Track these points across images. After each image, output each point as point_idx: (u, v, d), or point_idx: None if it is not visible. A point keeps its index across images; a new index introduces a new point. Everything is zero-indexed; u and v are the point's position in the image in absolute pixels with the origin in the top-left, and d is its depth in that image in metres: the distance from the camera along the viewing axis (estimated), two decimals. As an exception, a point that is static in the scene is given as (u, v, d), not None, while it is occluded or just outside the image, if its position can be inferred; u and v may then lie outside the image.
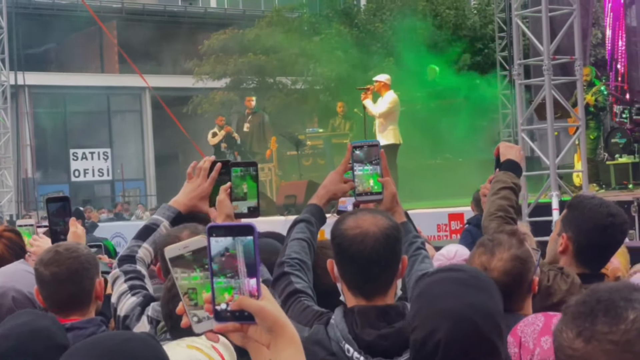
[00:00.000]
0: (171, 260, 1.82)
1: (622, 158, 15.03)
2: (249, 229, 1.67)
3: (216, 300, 1.69)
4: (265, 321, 1.67)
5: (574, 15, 10.47)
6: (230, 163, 3.40)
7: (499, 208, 3.75)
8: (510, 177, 3.83)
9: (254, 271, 1.67)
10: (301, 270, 3.04)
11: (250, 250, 1.66)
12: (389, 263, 2.74)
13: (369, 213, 2.86)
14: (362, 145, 3.27)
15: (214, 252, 1.67)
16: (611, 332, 1.47)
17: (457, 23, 24.62)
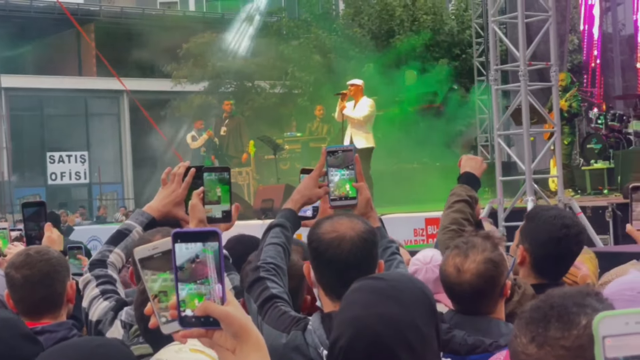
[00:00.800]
0: (140, 261, 1.82)
1: (598, 164, 15.15)
2: (213, 235, 1.67)
3: (187, 306, 1.68)
4: (230, 327, 1.66)
5: (550, 21, 10.53)
6: (204, 168, 3.40)
7: (452, 221, 3.80)
8: (465, 190, 3.86)
9: (220, 276, 1.66)
10: (277, 275, 3.02)
11: (217, 255, 1.65)
12: (366, 267, 2.75)
13: (346, 217, 2.87)
14: (336, 150, 3.29)
15: (184, 258, 1.67)
16: (563, 338, 1.48)
17: (435, 28, 24.72)
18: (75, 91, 33.74)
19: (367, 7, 25.87)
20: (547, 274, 3.54)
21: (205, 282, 1.66)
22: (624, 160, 14.15)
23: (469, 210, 3.83)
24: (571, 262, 3.65)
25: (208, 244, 1.66)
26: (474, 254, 3.08)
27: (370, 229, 2.85)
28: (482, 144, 19.59)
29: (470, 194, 3.85)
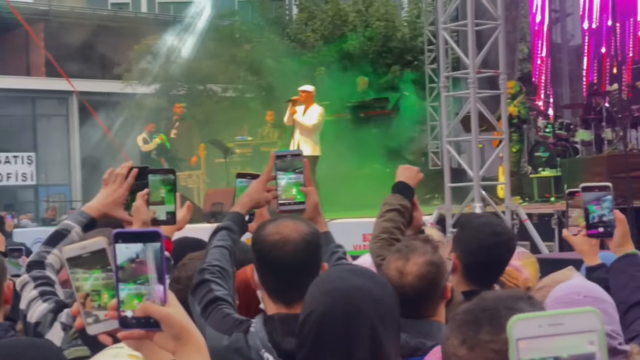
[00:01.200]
0: (69, 260, 1.81)
1: (545, 171, 15.35)
2: (155, 235, 1.66)
3: (125, 307, 1.66)
4: (171, 328, 1.64)
5: (499, 29, 10.65)
6: (148, 169, 3.38)
7: (383, 230, 3.83)
8: (397, 199, 3.89)
9: (161, 277, 1.65)
10: (222, 278, 3.01)
11: (158, 256, 1.64)
12: (309, 269, 2.76)
13: (290, 220, 2.88)
14: (285, 154, 3.30)
15: (123, 258, 1.65)
16: (493, 341, 1.49)
17: (388, 35, 24.83)
18: (23, 91, 33.32)
19: (320, 12, 25.92)
20: (479, 281, 3.56)
21: (145, 282, 1.65)
22: (571, 168, 14.35)
23: (400, 219, 3.85)
24: (502, 269, 3.69)
25: (149, 244, 1.64)
26: (415, 257, 3.11)
27: (314, 231, 2.86)
28: (433, 151, 19.72)
29: (402, 202, 3.88)
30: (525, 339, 1.20)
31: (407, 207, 3.89)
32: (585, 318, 1.20)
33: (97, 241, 1.81)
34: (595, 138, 15.28)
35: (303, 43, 24.89)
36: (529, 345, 1.20)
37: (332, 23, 25.08)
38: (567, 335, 1.19)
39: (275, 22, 26.83)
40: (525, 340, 1.20)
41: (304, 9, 26.76)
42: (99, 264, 1.80)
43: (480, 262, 3.57)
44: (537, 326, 1.20)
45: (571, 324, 1.20)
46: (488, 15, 11.01)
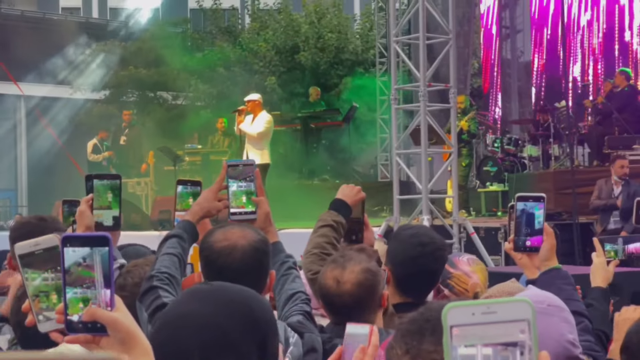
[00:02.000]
0: (21, 257, 1.81)
1: (493, 186, 15.52)
2: (104, 240, 1.66)
3: (70, 310, 1.66)
4: (118, 333, 1.64)
5: (450, 44, 10.76)
6: (93, 175, 3.38)
7: (315, 246, 3.86)
8: (331, 215, 3.92)
9: (108, 282, 1.65)
10: (170, 285, 3.01)
11: (106, 261, 1.65)
12: (257, 276, 2.78)
13: (238, 227, 2.90)
14: (237, 164, 3.32)
15: (70, 261, 1.65)
16: (436, 351, 1.51)
17: (340, 47, 24.93)
18: (-30, 94, 32.83)
19: (272, 23, 25.95)
20: (410, 293, 3.60)
21: (90, 286, 1.65)
22: (518, 183, 14.52)
23: (333, 234, 3.87)
24: (433, 280, 3.72)
25: (96, 248, 1.64)
26: (351, 265, 3.14)
27: (262, 238, 2.88)
28: (382, 163, 19.81)
29: (336, 219, 3.91)
30: (459, 326, 1.22)
31: (341, 223, 3.91)
32: (517, 307, 1.22)
33: (50, 238, 1.81)
34: (542, 154, 15.49)
35: (255, 52, 24.89)
36: (462, 333, 1.22)
37: (284, 33, 25.12)
38: (500, 324, 1.22)
39: (228, 31, 26.82)
40: (459, 328, 1.22)
41: (257, 19, 26.77)
42: (50, 264, 1.80)
43: (409, 274, 3.60)
44: (471, 314, 1.22)
45: (503, 313, 1.22)
46: (440, 29, 11.13)
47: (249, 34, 26.36)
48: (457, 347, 1.23)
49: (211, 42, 26.80)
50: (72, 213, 4.78)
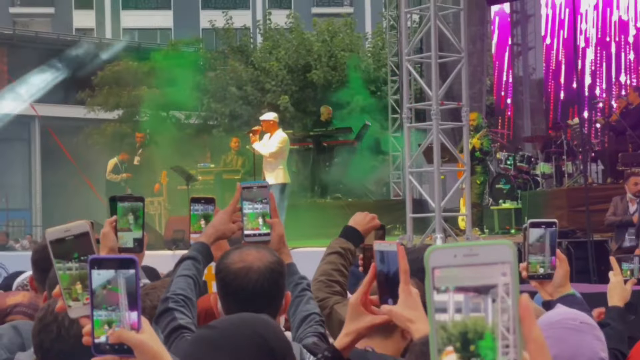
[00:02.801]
0: (51, 243, 1.85)
1: (506, 204, 15.46)
2: (130, 262, 1.68)
3: (95, 333, 1.68)
4: (144, 355, 1.66)
5: (463, 62, 10.77)
6: (117, 197, 3.40)
7: (322, 273, 3.87)
8: (339, 243, 3.93)
9: (134, 304, 1.67)
10: (185, 307, 3.03)
11: (132, 283, 1.67)
12: (272, 297, 2.79)
13: (254, 248, 2.91)
14: (251, 186, 3.33)
15: (96, 283, 1.67)
16: None
17: (352, 65, 25.00)
18: (-15, 115, 33.02)
19: (284, 41, 26.04)
20: None
21: (115, 309, 1.67)
22: (531, 201, 14.49)
23: (340, 261, 3.87)
24: None
25: (121, 271, 1.66)
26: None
27: (277, 259, 2.89)
28: (395, 181, 19.80)
29: (344, 246, 3.91)
30: (441, 268, 1.22)
31: (350, 249, 3.90)
32: (499, 250, 1.21)
33: (81, 224, 1.85)
34: (555, 171, 15.44)
35: (267, 71, 24.97)
36: (443, 274, 1.22)
37: (296, 52, 25.20)
38: (481, 266, 1.21)
39: (240, 50, 26.91)
40: (441, 269, 1.22)
41: (269, 38, 26.87)
42: (80, 250, 1.83)
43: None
44: (453, 256, 1.22)
45: (485, 255, 1.21)
46: (452, 47, 11.13)
47: (261, 53, 26.44)
48: (438, 288, 1.22)
49: (223, 61, 26.91)
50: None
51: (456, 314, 1.22)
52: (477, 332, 1.21)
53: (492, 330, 1.21)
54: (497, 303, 1.21)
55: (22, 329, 3.29)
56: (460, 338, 1.21)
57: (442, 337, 1.22)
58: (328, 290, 3.70)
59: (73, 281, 1.87)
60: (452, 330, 1.22)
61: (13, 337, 3.34)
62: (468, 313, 1.21)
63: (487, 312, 1.21)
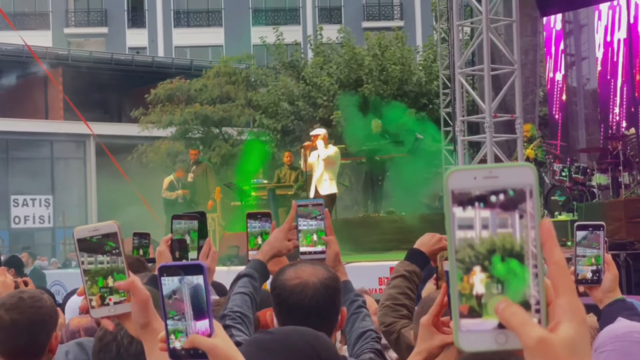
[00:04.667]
0: (79, 242, 1.88)
1: (562, 216, 15.27)
2: (198, 268, 1.70)
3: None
4: (217, 358, 1.70)
5: (515, 74, 10.70)
6: (174, 215, 3.41)
7: (387, 298, 3.84)
8: (403, 266, 3.89)
9: (202, 312, 1.70)
10: (242, 324, 3.05)
11: (198, 292, 1.70)
12: (328, 313, 2.79)
13: (309, 264, 2.91)
14: (306, 204, 3.35)
15: (164, 293, 1.71)
16: None
17: (403, 78, 24.96)
18: (42, 134, 33.58)
19: (335, 56, 26.10)
20: None
21: (181, 318, 1.70)
22: (588, 212, 14.28)
23: (405, 284, 3.84)
24: None
25: (187, 278, 1.69)
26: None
27: (333, 275, 2.89)
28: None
29: (408, 268, 3.87)
30: (460, 190, 1.19)
31: (415, 272, 3.88)
32: (520, 172, 1.18)
33: (109, 224, 1.88)
34: (612, 182, 15.23)
35: (318, 87, 25.03)
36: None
37: (347, 67, 25.22)
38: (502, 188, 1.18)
39: (291, 66, 27.03)
40: (460, 191, 1.19)
41: (320, 53, 26.95)
42: (103, 249, 1.87)
43: None
44: (472, 178, 1.18)
45: (506, 178, 1.17)
46: (504, 59, 11.07)
47: (312, 68, 26.53)
48: (456, 210, 1.19)
49: (275, 77, 27.05)
50: (142, 245, 4.87)
51: (483, 230, 1.18)
52: (506, 249, 1.17)
53: (520, 247, 1.17)
54: (525, 219, 1.17)
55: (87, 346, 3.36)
56: (489, 256, 1.17)
57: (469, 255, 1.18)
58: (394, 315, 3.69)
59: (101, 276, 1.90)
60: (479, 248, 1.18)
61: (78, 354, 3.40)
62: (495, 229, 1.17)
63: (514, 228, 1.17)
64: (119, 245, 1.92)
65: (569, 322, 1.15)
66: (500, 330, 1.16)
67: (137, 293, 1.87)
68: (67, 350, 3.39)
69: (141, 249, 4.87)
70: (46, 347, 3.30)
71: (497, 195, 1.18)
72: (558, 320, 1.15)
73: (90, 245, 1.88)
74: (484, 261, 1.18)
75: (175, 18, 44.58)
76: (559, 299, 1.17)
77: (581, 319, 1.16)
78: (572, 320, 1.15)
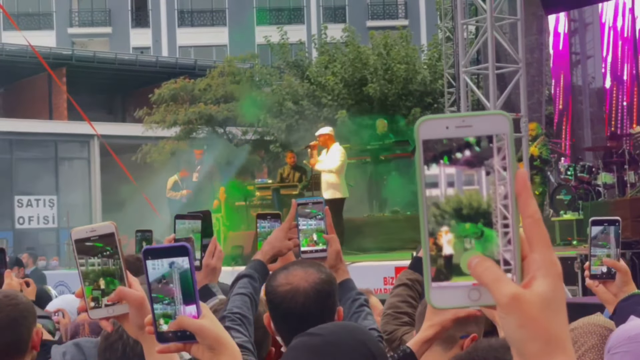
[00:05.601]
0: (76, 242, 1.88)
1: (567, 215, 15.21)
2: (183, 250, 1.69)
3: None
4: (205, 339, 1.71)
5: (520, 72, 10.65)
6: (176, 215, 3.40)
7: (389, 306, 3.88)
8: (406, 274, 3.92)
9: (190, 295, 1.70)
10: (242, 325, 3.02)
11: (186, 275, 1.69)
12: (320, 318, 2.75)
13: (300, 267, 2.88)
14: (307, 202, 3.33)
15: (152, 278, 1.70)
16: None
17: (408, 77, 24.91)
18: (46, 135, 33.59)
19: (340, 55, 26.05)
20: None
21: (170, 302, 1.70)
22: (593, 211, 14.20)
23: (407, 292, 3.87)
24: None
25: (176, 262, 1.69)
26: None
27: (325, 277, 2.85)
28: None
29: (411, 277, 3.91)
30: (432, 140, 1.15)
31: (418, 280, 3.88)
32: (495, 120, 1.13)
33: (107, 225, 1.89)
34: (617, 181, 15.17)
35: (323, 86, 24.99)
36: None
37: (352, 66, 25.18)
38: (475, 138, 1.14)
39: (295, 65, 27.00)
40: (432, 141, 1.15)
41: (324, 52, 26.90)
42: (99, 250, 1.88)
43: None
44: (445, 127, 1.14)
45: (480, 127, 1.13)
46: (509, 58, 11.01)
47: (316, 67, 26.50)
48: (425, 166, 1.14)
49: (279, 76, 27.03)
50: (145, 238, 4.95)
51: (448, 188, 1.14)
52: (473, 207, 1.13)
53: (487, 205, 1.12)
54: (492, 176, 1.12)
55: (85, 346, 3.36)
56: (455, 215, 1.13)
57: (436, 215, 1.14)
58: (396, 323, 3.70)
59: (96, 278, 1.90)
60: (445, 207, 1.13)
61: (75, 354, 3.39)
62: (461, 187, 1.13)
63: (481, 185, 1.13)
64: (117, 247, 1.91)
65: (543, 278, 1.11)
66: (474, 287, 1.12)
67: (130, 298, 1.87)
68: (64, 351, 3.37)
69: (144, 242, 5.00)
70: (28, 343, 3.30)
71: (470, 147, 1.13)
72: (532, 276, 1.11)
73: (88, 248, 1.88)
74: (451, 221, 1.13)
75: (179, 18, 44.60)
76: (534, 253, 1.12)
77: (556, 273, 1.11)
78: (546, 275, 1.11)
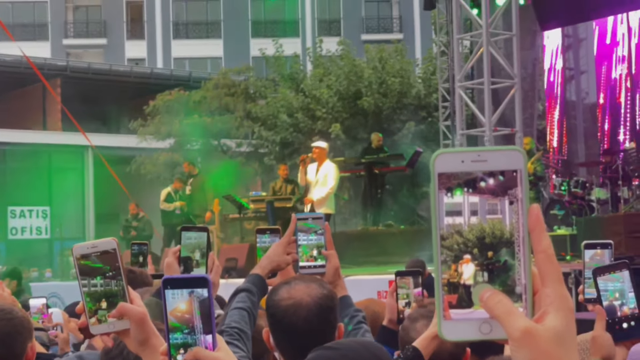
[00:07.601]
0: (77, 259, 1.88)
1: (561, 230, 15.22)
2: (203, 281, 1.69)
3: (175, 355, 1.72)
4: None
5: (516, 88, 10.67)
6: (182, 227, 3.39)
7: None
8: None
9: (209, 326, 1.69)
10: (240, 340, 3.01)
11: (206, 305, 1.68)
12: (322, 333, 2.75)
13: (302, 282, 2.87)
14: (306, 217, 3.31)
15: (170, 307, 1.69)
16: None
17: (402, 91, 24.94)
18: (39, 145, 33.48)
19: (335, 69, 26.08)
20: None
21: (191, 332, 1.69)
22: (587, 227, 14.24)
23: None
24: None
25: (195, 291, 1.68)
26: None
27: (327, 293, 2.84)
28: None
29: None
30: (447, 174, 1.15)
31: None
32: (510, 155, 1.14)
33: (108, 241, 1.88)
34: (611, 196, 15.19)
35: (317, 99, 25.00)
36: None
37: (347, 79, 25.20)
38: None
39: (290, 78, 27.02)
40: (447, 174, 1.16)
41: (319, 65, 26.93)
42: (100, 271, 1.88)
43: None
44: (460, 161, 1.14)
45: (494, 162, 1.14)
46: (504, 73, 11.05)
47: (311, 80, 26.53)
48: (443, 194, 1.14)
49: (274, 89, 27.04)
50: (141, 252, 4.95)
51: (472, 216, 1.14)
52: (496, 236, 1.14)
53: (510, 234, 1.13)
54: (516, 205, 1.13)
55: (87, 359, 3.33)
56: (478, 243, 1.14)
57: (458, 243, 1.14)
58: None
59: (98, 298, 1.89)
60: (468, 235, 1.14)
61: None
62: (485, 215, 1.14)
63: (504, 214, 1.14)
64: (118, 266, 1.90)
65: (555, 312, 1.11)
66: (485, 319, 1.12)
67: (131, 314, 1.87)
68: None
69: (140, 256, 4.98)
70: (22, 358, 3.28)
71: (486, 180, 1.14)
72: (544, 311, 1.11)
73: (90, 270, 1.88)
74: (473, 249, 1.14)
75: (174, 29, 44.62)
76: (546, 288, 1.13)
77: (568, 308, 1.11)
78: (558, 310, 1.11)
